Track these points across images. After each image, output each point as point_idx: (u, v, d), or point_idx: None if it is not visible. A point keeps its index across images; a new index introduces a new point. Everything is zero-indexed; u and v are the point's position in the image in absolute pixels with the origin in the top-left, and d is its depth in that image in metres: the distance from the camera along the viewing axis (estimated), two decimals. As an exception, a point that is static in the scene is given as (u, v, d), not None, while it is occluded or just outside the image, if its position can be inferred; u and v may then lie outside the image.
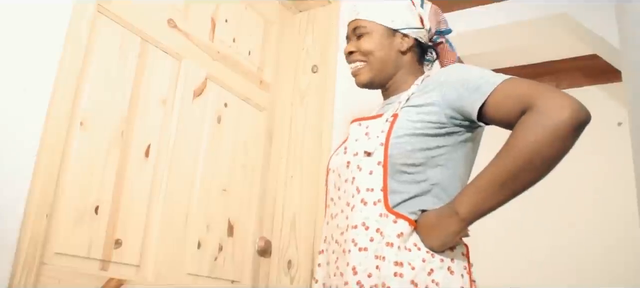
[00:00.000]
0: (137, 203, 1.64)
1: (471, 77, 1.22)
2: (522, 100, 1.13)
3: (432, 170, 1.24)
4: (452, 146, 1.26)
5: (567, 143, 1.08)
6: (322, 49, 2.33)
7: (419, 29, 1.43)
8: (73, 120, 1.46)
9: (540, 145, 1.07)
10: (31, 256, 1.29)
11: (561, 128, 1.06)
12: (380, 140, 1.25)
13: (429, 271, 1.16)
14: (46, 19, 1.37)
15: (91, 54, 1.53)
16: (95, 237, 1.50)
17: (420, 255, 1.17)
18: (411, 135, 1.23)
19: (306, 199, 2.15)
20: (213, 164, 1.94)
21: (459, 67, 1.31)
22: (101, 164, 1.54)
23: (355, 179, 1.27)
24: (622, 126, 3.29)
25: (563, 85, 3.60)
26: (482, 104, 1.18)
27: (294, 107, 2.31)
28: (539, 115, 1.08)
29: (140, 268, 1.64)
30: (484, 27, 2.84)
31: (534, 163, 1.08)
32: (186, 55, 1.86)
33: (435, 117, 1.24)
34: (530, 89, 1.13)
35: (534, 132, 1.08)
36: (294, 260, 2.10)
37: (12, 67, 1.29)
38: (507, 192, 1.12)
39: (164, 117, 1.76)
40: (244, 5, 2.17)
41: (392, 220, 1.20)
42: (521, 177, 1.10)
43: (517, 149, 1.09)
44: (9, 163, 1.26)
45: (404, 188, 1.23)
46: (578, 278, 3.12)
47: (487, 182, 1.13)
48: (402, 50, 1.42)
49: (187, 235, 1.80)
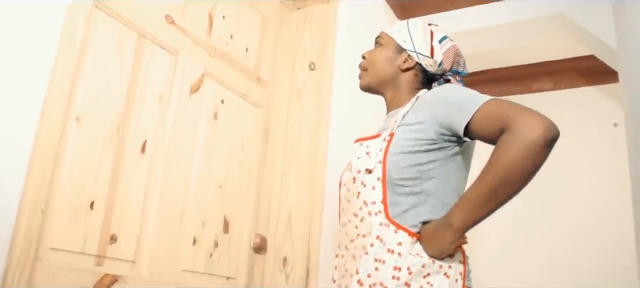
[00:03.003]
0: (133, 199, 1.64)
1: (459, 97, 1.37)
2: (501, 120, 1.26)
3: (427, 182, 1.39)
4: (443, 160, 1.40)
5: (539, 158, 1.21)
6: (319, 46, 2.33)
7: (426, 57, 1.57)
8: (69, 115, 1.45)
9: (516, 161, 1.21)
10: (26, 251, 1.28)
11: (533, 146, 1.20)
12: (379, 158, 1.40)
13: (426, 274, 1.32)
14: (42, 14, 1.36)
15: (87, 49, 1.52)
16: (91, 233, 1.50)
17: (421, 262, 1.32)
18: (406, 152, 1.38)
19: (302, 197, 2.15)
20: (209, 161, 1.93)
21: (448, 87, 1.45)
22: (97, 160, 1.53)
23: (361, 194, 1.43)
24: (618, 127, 3.30)
25: (560, 86, 3.60)
26: (468, 122, 1.32)
27: (291, 104, 2.31)
28: (514, 135, 1.22)
29: (135, 264, 1.64)
30: (482, 26, 2.85)
31: (512, 178, 1.23)
32: (183, 52, 1.85)
33: (426, 135, 1.38)
34: (508, 110, 1.27)
35: (510, 150, 1.22)
36: (289, 258, 2.10)
37: (7, 63, 1.28)
38: (492, 203, 1.26)
39: (160, 113, 1.76)
40: (242, 2, 2.17)
41: (393, 230, 1.35)
42: (502, 190, 1.24)
43: (496, 166, 1.24)
44: (4, 159, 1.25)
45: (403, 200, 1.38)
46: (573, 278, 3.13)
47: (475, 196, 1.27)
48: (402, 68, 1.58)
49: (183, 232, 1.80)
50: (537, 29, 2.85)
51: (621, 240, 2.85)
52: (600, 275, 3.04)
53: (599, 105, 3.45)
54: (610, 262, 3.01)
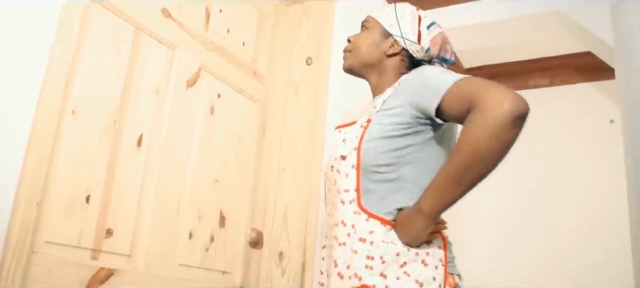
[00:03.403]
0: (129, 192, 1.64)
1: (432, 78, 1.32)
2: (468, 100, 1.20)
3: (403, 168, 1.34)
4: (420, 144, 1.35)
5: (506, 137, 1.14)
6: (316, 41, 2.32)
7: (413, 42, 1.52)
8: (65, 108, 1.45)
9: (482, 141, 1.15)
10: (21, 244, 1.28)
11: (499, 124, 1.13)
12: (354, 145, 1.37)
13: (402, 263, 1.27)
14: (38, 7, 1.36)
15: (84, 42, 1.52)
16: (86, 226, 1.50)
17: (395, 249, 1.28)
18: (381, 138, 1.34)
19: (298, 191, 2.15)
20: (205, 155, 1.93)
21: (423, 69, 1.39)
22: (93, 153, 1.53)
23: (337, 181, 1.41)
24: (614, 123, 3.30)
25: (557, 82, 3.60)
26: (439, 103, 1.26)
27: (288, 99, 2.30)
28: (479, 114, 1.16)
29: (131, 258, 1.64)
30: (478, 22, 2.84)
31: (479, 159, 1.17)
32: (180, 45, 1.85)
33: (402, 118, 1.34)
34: (475, 88, 1.20)
35: (475, 130, 1.16)
36: (285, 252, 2.10)
37: (3, 55, 1.28)
38: (461, 186, 1.20)
39: (157, 107, 1.76)
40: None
41: (365, 218, 1.33)
42: (471, 172, 1.19)
43: (462, 148, 1.19)
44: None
45: (379, 187, 1.34)
46: (569, 276, 3.14)
47: (443, 179, 1.22)
48: (387, 53, 1.54)
49: (179, 226, 1.80)
50: (534, 25, 2.85)
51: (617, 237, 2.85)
52: (594, 270, 3.05)
53: (596, 102, 3.45)
54: (606, 259, 3.02)
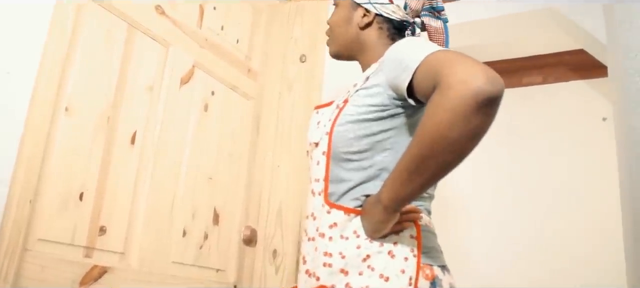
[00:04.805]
0: (122, 190, 1.63)
1: (404, 52, 1.12)
2: (433, 78, 0.99)
3: (379, 154, 1.18)
4: (398, 128, 1.17)
5: (471, 123, 0.92)
6: (310, 38, 2.32)
7: (384, 4, 1.33)
8: (58, 105, 1.44)
9: (443, 127, 0.94)
10: (14, 242, 1.28)
11: (462, 107, 0.91)
12: (326, 130, 1.22)
13: (365, 257, 1.12)
14: (32, 3, 1.35)
15: (77, 39, 1.51)
16: (80, 224, 1.49)
17: (355, 243, 1.13)
18: (354, 121, 1.18)
19: (292, 189, 2.15)
20: (199, 152, 1.93)
21: (401, 42, 1.18)
22: (86, 150, 1.52)
23: (310, 169, 1.27)
24: (607, 121, 3.32)
25: (549, 80, 3.62)
26: (410, 81, 1.07)
27: (282, 96, 2.30)
28: (440, 94, 0.95)
29: (125, 255, 1.63)
30: (470, 19, 2.85)
31: (439, 148, 0.96)
32: (174, 42, 1.84)
33: (379, 99, 1.16)
34: (442, 62, 0.99)
35: (435, 114, 0.95)
36: (279, 250, 2.10)
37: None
38: (421, 177, 1.01)
39: (151, 104, 1.75)
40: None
41: (326, 211, 1.18)
42: (431, 163, 0.99)
43: (420, 135, 0.98)
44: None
45: (351, 176, 1.18)
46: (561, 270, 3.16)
47: (402, 169, 1.04)
48: (361, 26, 1.36)
49: (173, 223, 1.80)
50: (527, 22, 2.85)
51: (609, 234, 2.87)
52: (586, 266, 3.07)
53: (588, 100, 3.46)
54: (599, 256, 3.04)
